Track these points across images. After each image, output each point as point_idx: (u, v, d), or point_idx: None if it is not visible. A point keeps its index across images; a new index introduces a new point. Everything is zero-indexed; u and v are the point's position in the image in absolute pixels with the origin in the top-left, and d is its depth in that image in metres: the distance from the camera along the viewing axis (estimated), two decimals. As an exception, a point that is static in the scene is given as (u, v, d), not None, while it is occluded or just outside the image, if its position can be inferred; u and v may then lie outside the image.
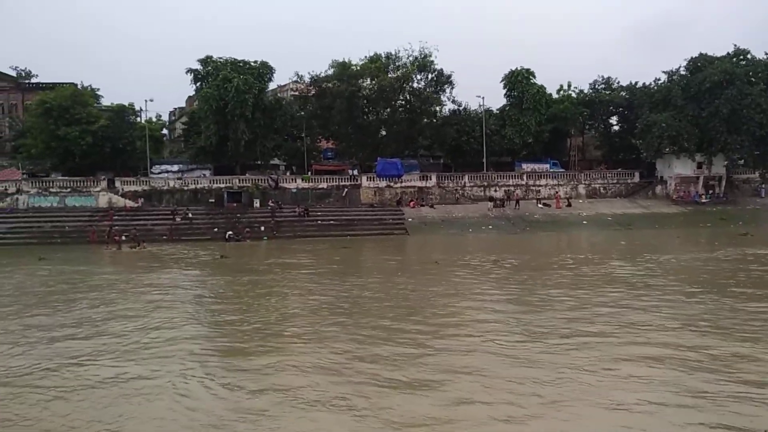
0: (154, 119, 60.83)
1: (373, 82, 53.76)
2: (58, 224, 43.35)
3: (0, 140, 77.10)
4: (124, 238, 39.31)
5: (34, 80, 80.00)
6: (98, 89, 63.63)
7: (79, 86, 72.29)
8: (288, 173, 56.20)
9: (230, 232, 41.19)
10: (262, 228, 42.01)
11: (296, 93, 58.64)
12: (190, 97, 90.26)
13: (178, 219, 44.28)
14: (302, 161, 58.77)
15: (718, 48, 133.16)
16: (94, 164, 54.69)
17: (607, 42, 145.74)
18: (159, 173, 55.83)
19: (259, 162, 58.31)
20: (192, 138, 61.35)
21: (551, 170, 55.42)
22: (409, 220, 44.80)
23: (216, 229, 42.62)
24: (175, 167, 57.18)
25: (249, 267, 25.91)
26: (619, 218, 45.68)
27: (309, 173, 54.92)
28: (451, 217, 45.57)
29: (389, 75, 53.20)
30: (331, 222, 44.35)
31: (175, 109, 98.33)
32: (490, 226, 43.32)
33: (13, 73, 78.74)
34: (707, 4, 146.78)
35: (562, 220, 45.29)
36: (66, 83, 78.85)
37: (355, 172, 56.20)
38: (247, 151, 54.42)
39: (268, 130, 55.50)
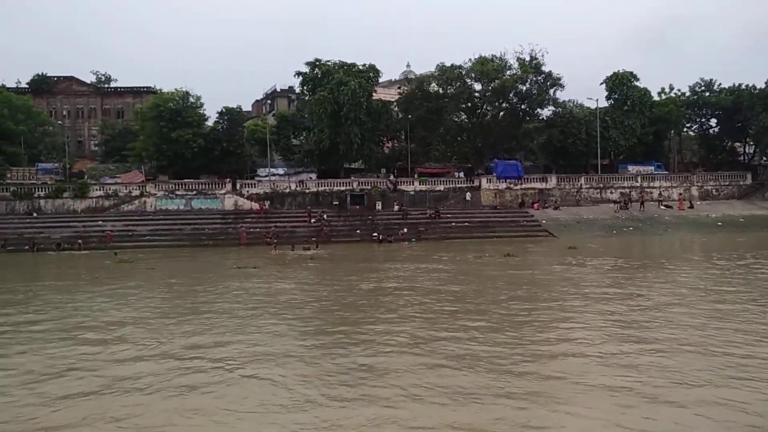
0: (260, 122, 60.73)
1: (485, 83, 53.84)
2: (197, 227, 43.43)
3: (80, 144, 77.41)
4: (275, 240, 39.57)
5: (113, 84, 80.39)
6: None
7: (156, 90, 72.67)
8: (391, 176, 56.25)
9: (374, 234, 41.27)
10: (405, 230, 41.94)
11: (400, 95, 58.41)
12: (257, 101, 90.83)
13: (312, 221, 44.30)
14: (392, 164, 59.05)
15: (719, 50, 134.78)
16: (199, 167, 54.92)
17: (602, 40, 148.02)
18: (265, 176, 55.95)
19: (363, 165, 58.39)
20: (281, 141, 61.44)
21: (656, 172, 55.51)
22: (543, 222, 44.68)
23: (358, 231, 42.64)
24: (281, 170, 57.30)
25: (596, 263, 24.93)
26: (751, 220, 45.40)
27: (416, 175, 55.06)
28: (582, 219, 45.43)
29: (504, 76, 53.03)
30: (466, 224, 44.24)
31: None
32: (631, 228, 43.18)
33: (93, 78, 79.01)
34: (704, 6, 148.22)
35: (693, 222, 45.09)
36: (142, 87, 79.56)
37: (462, 174, 56.37)
38: (356, 154, 54.64)
39: (373, 133, 55.72)
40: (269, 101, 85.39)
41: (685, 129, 61.88)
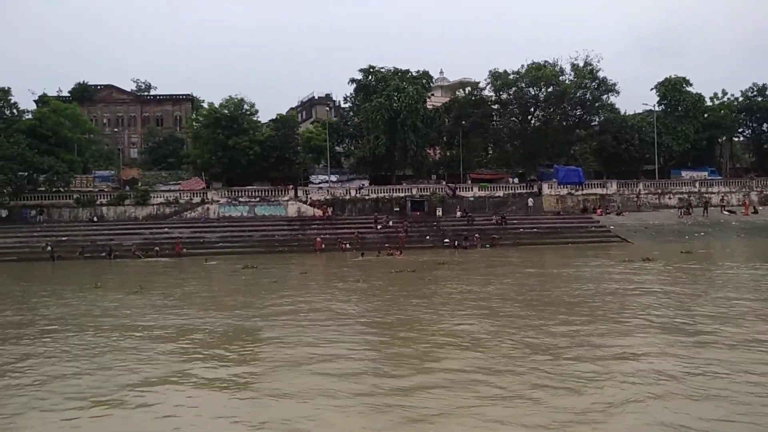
0: (314, 129, 60.64)
1: (539, 90, 53.83)
2: (265, 233, 43.30)
3: (120, 151, 77.43)
4: (348, 245, 39.45)
5: (152, 92, 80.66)
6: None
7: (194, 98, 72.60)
8: (443, 181, 56.11)
9: (446, 240, 41.07)
10: (477, 235, 41.63)
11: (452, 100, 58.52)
12: (292, 108, 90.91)
13: (379, 227, 44.12)
14: (443, 170, 59.06)
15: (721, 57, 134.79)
16: (252, 174, 54.78)
17: (602, 46, 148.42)
18: (319, 183, 55.84)
19: (413, 172, 58.27)
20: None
21: (709, 177, 55.29)
22: (611, 227, 44.38)
23: (428, 237, 42.46)
24: (334, 177, 57.19)
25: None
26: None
27: (469, 181, 54.95)
28: (649, 225, 45.04)
29: (565, 82, 52.95)
30: (535, 230, 43.98)
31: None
32: (702, 233, 42.76)
33: (133, 86, 79.34)
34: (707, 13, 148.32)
35: (763, 227, 44.12)
36: (181, 94, 79.74)
37: (516, 180, 56.20)
38: (411, 161, 54.57)
39: (425, 140, 55.71)
40: (305, 109, 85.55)
41: (736, 134, 61.67)
